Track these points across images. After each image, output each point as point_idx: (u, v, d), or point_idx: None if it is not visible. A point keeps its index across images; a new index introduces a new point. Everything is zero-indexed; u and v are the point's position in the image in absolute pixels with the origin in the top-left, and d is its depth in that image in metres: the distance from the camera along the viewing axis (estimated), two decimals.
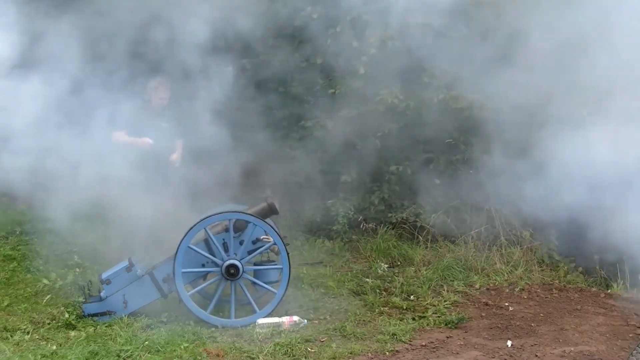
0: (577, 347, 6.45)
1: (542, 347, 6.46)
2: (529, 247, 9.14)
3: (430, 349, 6.41)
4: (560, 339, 6.68)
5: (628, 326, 7.00)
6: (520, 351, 6.37)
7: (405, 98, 10.20)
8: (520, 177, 10.10)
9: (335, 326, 6.88)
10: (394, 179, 10.64)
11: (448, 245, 9.30)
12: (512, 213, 9.74)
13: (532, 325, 7.01)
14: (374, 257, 9.01)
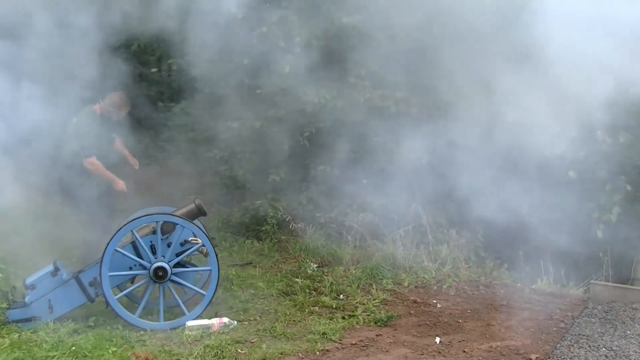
0: (503, 342, 6.60)
1: (470, 343, 6.59)
2: (455, 245, 9.33)
3: (360, 347, 6.50)
4: (487, 334, 6.82)
5: (552, 320, 7.17)
6: (449, 347, 6.49)
7: (331, 98, 10.35)
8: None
9: (265, 327, 6.92)
10: (322, 179, 10.78)
11: (376, 244, 9.43)
12: (438, 212, 9.96)
13: (459, 321, 7.15)
14: (303, 257, 9.09)
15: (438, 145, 10.17)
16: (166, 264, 7.10)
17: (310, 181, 10.90)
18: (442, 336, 6.75)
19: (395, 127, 10.48)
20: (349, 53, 10.44)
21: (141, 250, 7.16)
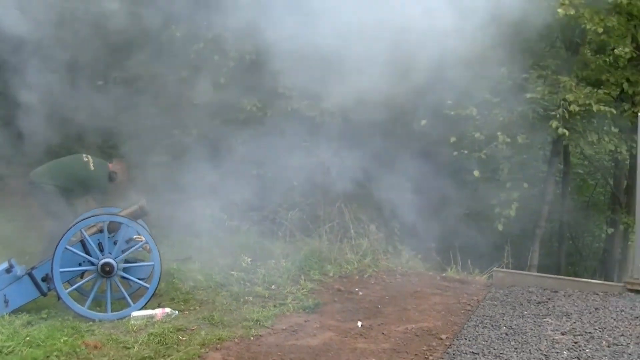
0: (417, 324, 6.70)
1: (388, 326, 6.69)
2: (375, 239, 9.45)
3: (290, 332, 6.55)
4: (403, 317, 6.93)
5: (460, 304, 7.31)
6: (369, 330, 6.58)
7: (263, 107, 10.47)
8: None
9: (204, 315, 6.94)
10: (255, 181, 10.87)
11: (304, 239, 9.51)
12: (360, 209, 10.11)
13: (378, 307, 7.24)
14: (238, 252, 9.12)
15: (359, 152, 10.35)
16: (113, 260, 7.12)
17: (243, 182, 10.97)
18: (364, 320, 6.83)
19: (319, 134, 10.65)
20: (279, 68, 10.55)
21: (89, 248, 7.15)
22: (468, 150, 11.66)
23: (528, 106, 11.59)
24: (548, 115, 11.44)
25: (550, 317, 6.69)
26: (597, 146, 13.10)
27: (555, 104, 11.35)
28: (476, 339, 6.26)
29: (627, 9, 11.88)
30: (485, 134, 11.52)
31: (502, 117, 11.55)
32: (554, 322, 6.55)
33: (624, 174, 15.07)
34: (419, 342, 6.31)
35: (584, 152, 15.83)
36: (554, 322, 6.55)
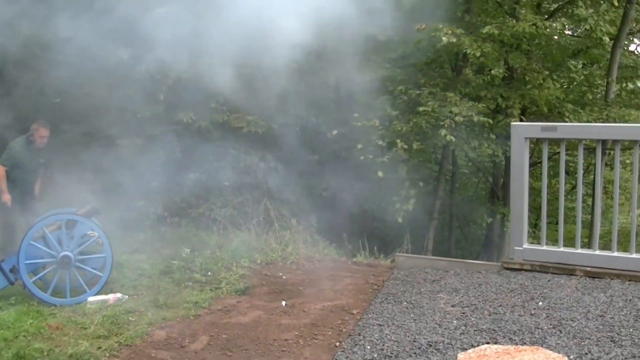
0: (332, 302, 6.77)
1: (308, 304, 6.74)
2: (296, 231, 9.50)
3: (224, 311, 6.56)
4: (321, 297, 6.98)
5: (368, 284, 7.38)
6: (292, 308, 6.62)
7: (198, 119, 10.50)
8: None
9: (150, 299, 6.89)
10: (192, 183, 10.86)
11: (235, 232, 9.51)
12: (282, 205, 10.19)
13: (300, 288, 7.28)
14: (178, 244, 9.07)
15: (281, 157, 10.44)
16: (70, 253, 7.06)
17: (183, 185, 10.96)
18: (287, 300, 6.87)
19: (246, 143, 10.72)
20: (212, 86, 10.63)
21: (50, 243, 7.08)
22: (373, 155, 11.79)
23: (422, 118, 11.78)
24: (438, 125, 11.64)
25: (443, 293, 6.81)
26: (478, 150, 13.38)
27: (444, 116, 11.56)
28: (382, 312, 6.34)
29: (499, 38, 12.19)
30: (387, 142, 11.67)
31: (401, 127, 11.72)
32: (446, 297, 6.68)
33: (500, 173, 15.44)
34: (334, 317, 6.38)
35: (468, 155, 16.13)
36: (445, 297, 6.68)
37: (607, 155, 11.33)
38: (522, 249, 7.42)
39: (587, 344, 5.34)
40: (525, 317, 5.99)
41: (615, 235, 7.18)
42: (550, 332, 5.61)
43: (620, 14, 14.34)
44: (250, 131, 10.99)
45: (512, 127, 7.47)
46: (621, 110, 13.91)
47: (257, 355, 5.52)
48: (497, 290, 6.78)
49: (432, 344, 5.49)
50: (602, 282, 6.91)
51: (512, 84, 13.59)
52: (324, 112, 12.87)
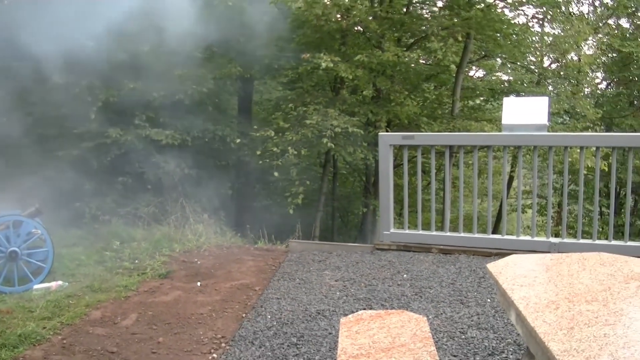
0: (239, 281, 6.77)
1: (219, 284, 6.72)
2: (207, 224, 9.45)
3: (149, 292, 6.47)
4: (229, 277, 6.97)
5: (267, 265, 7.40)
6: (206, 288, 6.58)
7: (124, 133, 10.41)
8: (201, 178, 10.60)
9: (87, 285, 6.72)
10: (121, 187, 10.73)
11: (158, 227, 9.39)
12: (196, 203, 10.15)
13: (212, 271, 7.24)
14: (110, 238, 8.87)
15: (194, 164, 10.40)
16: (17, 248, 6.83)
17: (113, 188, 10.79)
18: (202, 281, 6.83)
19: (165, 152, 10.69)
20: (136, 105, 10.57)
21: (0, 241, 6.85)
22: (269, 160, 11.87)
23: (308, 129, 11.90)
24: (321, 135, 11.79)
25: (328, 270, 6.91)
26: (354, 155, 13.59)
27: (326, 128, 11.72)
28: (279, 288, 6.40)
29: (368, 65, 12.46)
30: (280, 149, 11.76)
31: (291, 137, 11.82)
32: (330, 273, 6.78)
33: (371, 173, 15.76)
34: (240, 293, 6.40)
35: (345, 159, 16.39)
36: (330, 273, 6.78)
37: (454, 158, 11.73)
38: (390, 233, 7.61)
39: (442, 306, 5.56)
40: (394, 287, 6.16)
41: (461, 220, 7.45)
42: (413, 298, 5.80)
43: (462, 47, 14.91)
44: (168, 143, 10.91)
45: (380, 137, 7.65)
46: (464, 122, 14.44)
47: (178, 327, 5.50)
48: (370, 267, 6.93)
49: (320, 311, 5.60)
50: (452, 257, 7.16)
51: (379, 102, 13.91)
52: (229, 126, 12.90)
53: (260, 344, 4.97)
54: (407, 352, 3.24)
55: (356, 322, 3.76)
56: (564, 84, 18.96)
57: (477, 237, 7.41)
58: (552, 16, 16.63)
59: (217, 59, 12.26)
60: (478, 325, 5.07)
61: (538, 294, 2.59)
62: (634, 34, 19.60)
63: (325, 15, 12.02)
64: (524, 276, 2.83)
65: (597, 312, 2.35)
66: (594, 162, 7.16)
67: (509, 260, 3.08)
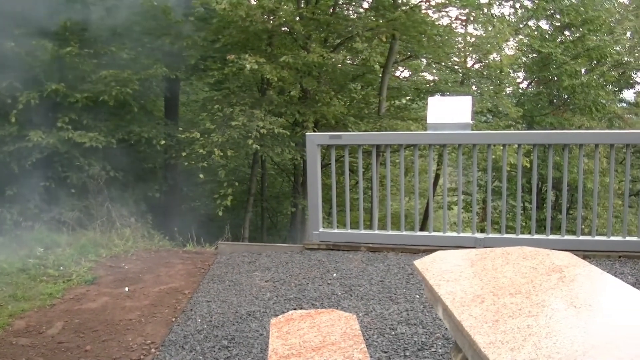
0: (168, 285, 6.69)
1: (147, 288, 6.62)
2: (135, 227, 9.29)
3: (76, 300, 6.32)
4: (158, 281, 6.88)
5: (197, 268, 7.34)
6: (134, 293, 6.47)
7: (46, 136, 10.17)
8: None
9: (9, 294, 6.49)
10: (44, 191, 10.44)
11: (83, 232, 9.17)
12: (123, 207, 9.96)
13: (140, 276, 7.13)
14: (33, 244, 8.61)
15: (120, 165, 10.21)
16: None
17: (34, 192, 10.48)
18: (130, 286, 6.71)
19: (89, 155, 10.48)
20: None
21: None
22: (196, 161, 11.77)
23: (234, 130, 11.86)
24: (248, 136, 11.76)
25: (257, 271, 6.90)
26: (281, 156, 13.62)
27: (252, 129, 11.70)
28: (209, 291, 6.35)
29: (294, 66, 12.52)
30: (207, 150, 11.69)
31: (218, 139, 11.74)
32: (260, 274, 6.77)
33: (300, 173, 15.82)
34: (170, 297, 6.32)
35: (273, 160, 16.39)
36: (260, 274, 6.77)
37: (381, 157, 11.89)
38: (319, 233, 7.65)
39: (371, 303, 5.63)
40: (324, 286, 6.20)
41: (389, 218, 7.55)
42: (343, 297, 5.85)
43: (388, 48, 15.13)
44: (92, 145, 10.67)
45: (307, 137, 7.68)
46: (391, 121, 14.66)
47: (106, 334, 5.38)
48: (300, 266, 6.96)
49: (251, 313, 5.59)
50: (381, 255, 7.25)
51: (306, 103, 13.97)
52: (155, 128, 12.72)
53: (190, 348, 4.92)
54: (338, 350, 3.27)
55: (286, 323, 3.77)
56: (487, 83, 19.53)
57: (404, 234, 7.52)
58: (475, 18, 17.10)
59: (143, 60, 12.04)
60: (407, 321, 5.15)
61: (464, 288, 2.65)
62: (553, 35, 20.37)
63: (250, 16, 11.99)
64: (450, 272, 2.90)
65: (520, 304, 2.43)
66: (517, 159, 7.39)
67: (435, 257, 3.15)
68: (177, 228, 9.89)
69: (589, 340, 2.11)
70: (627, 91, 23.07)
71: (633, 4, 21.77)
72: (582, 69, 19.36)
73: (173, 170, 14.13)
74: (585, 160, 12.85)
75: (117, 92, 11.09)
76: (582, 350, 2.01)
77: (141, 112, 12.84)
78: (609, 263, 6.53)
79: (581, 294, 2.61)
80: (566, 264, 2.94)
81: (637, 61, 21.52)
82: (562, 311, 2.38)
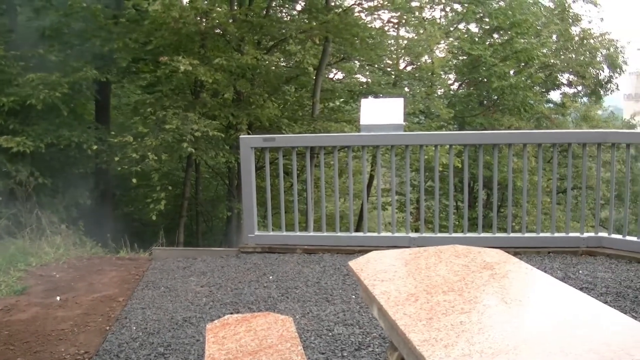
0: (101, 293, 6.54)
1: (80, 297, 6.46)
2: (66, 235, 9.06)
3: (5, 311, 6.11)
4: (91, 290, 6.72)
5: (131, 275, 7.21)
6: (66, 302, 6.27)
7: None
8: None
9: None
10: None
11: (12, 240, 8.88)
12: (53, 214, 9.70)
13: (72, 284, 6.95)
14: None
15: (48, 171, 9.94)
16: None
17: None
18: (61, 295, 6.53)
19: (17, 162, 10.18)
20: None
21: None
22: (128, 166, 11.58)
23: (168, 134, 11.72)
24: (182, 140, 11.65)
25: (193, 276, 6.83)
26: (216, 159, 13.53)
27: (186, 132, 11.59)
28: (144, 298, 6.25)
29: (228, 68, 12.51)
30: (140, 154, 11.50)
31: (151, 142, 11.58)
32: (196, 279, 6.70)
33: (234, 176, 15.72)
34: (103, 305, 6.18)
35: (208, 163, 16.25)
36: (195, 279, 6.70)
37: (315, 158, 11.94)
38: (254, 236, 7.63)
39: (308, 305, 5.65)
40: (260, 289, 6.19)
41: (324, 220, 7.58)
42: (280, 299, 5.85)
43: (321, 50, 15.21)
44: (20, 151, 10.35)
45: (241, 139, 7.64)
46: (324, 123, 14.74)
47: (38, 345, 5.23)
48: (236, 270, 6.92)
49: (187, 319, 5.53)
50: (317, 256, 7.27)
51: (240, 105, 13.91)
52: (86, 132, 12.45)
53: (126, 356, 4.83)
54: (275, 353, 3.27)
55: (222, 327, 3.74)
56: (419, 85, 19.92)
57: (340, 235, 7.57)
58: (407, 21, 17.39)
59: (72, 62, 11.76)
60: (344, 322, 5.19)
61: (398, 287, 2.69)
62: (482, 38, 20.92)
63: (182, 18, 11.86)
64: (385, 271, 2.93)
65: (453, 301, 2.47)
66: (449, 159, 7.54)
67: (369, 257, 3.18)
68: (110, 234, 9.69)
69: (520, 335, 2.18)
70: (553, 92, 24.02)
71: (558, 8, 22.55)
72: (510, 71, 19.95)
73: (105, 175, 13.85)
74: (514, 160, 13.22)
75: (46, 95, 10.80)
76: (514, 345, 2.06)
77: (71, 116, 12.54)
78: (538, 259, 6.72)
79: (512, 289, 2.68)
80: (497, 260, 3.01)
81: (562, 63, 22.31)
82: (493, 307, 2.44)
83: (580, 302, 2.52)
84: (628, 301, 5.40)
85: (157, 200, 11.67)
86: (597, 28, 36.24)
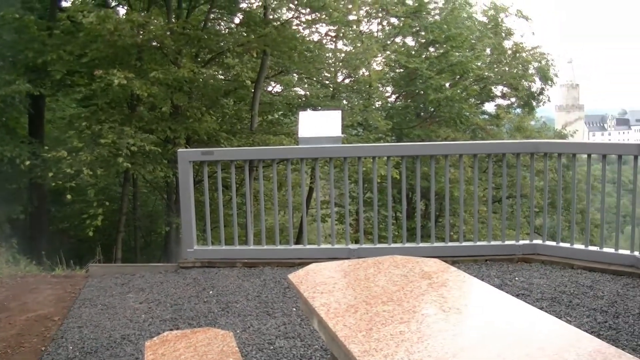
0: (36, 313, 6.33)
1: (13, 317, 6.23)
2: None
3: None
4: (25, 309, 6.49)
5: (67, 293, 7.00)
6: None
7: None
8: None
9: None
10: None
11: None
12: None
13: (5, 304, 6.70)
14: None
15: None
16: None
17: None
18: None
19: None
20: None
21: None
22: (63, 181, 11.32)
23: (104, 149, 11.51)
24: (118, 154, 11.46)
25: (131, 293, 6.68)
26: (154, 173, 13.35)
27: (123, 147, 11.41)
28: (80, 316, 6.08)
29: (164, 81, 12.38)
30: (75, 169, 11.26)
31: (86, 157, 11.36)
32: (134, 296, 6.56)
33: (173, 190, 15.51)
34: (38, 325, 5.98)
35: (145, 178, 16.02)
36: (134, 296, 6.56)
37: (254, 172, 11.91)
38: (194, 250, 7.52)
39: (249, 319, 5.60)
40: (200, 305, 6.10)
41: (264, 233, 7.56)
42: (220, 314, 5.78)
43: (259, 63, 15.22)
44: None
45: (179, 153, 7.54)
46: (263, 136, 14.74)
47: None
48: (175, 286, 6.81)
49: (126, 336, 5.40)
50: (257, 270, 7.22)
51: (178, 119, 13.77)
52: (19, 146, 12.11)
53: None
54: None
55: (162, 344, 3.67)
56: (357, 97, 20.11)
57: (280, 248, 7.55)
58: (344, 34, 17.56)
59: (4, 75, 11.44)
60: (285, 335, 5.16)
61: (338, 299, 2.69)
62: (418, 51, 21.31)
63: (118, 30, 11.69)
64: (324, 283, 2.93)
65: (392, 311, 2.49)
66: (387, 171, 7.60)
67: (309, 269, 3.18)
68: (45, 251, 9.41)
69: (458, 343, 2.21)
70: (488, 104, 24.67)
71: (492, 23, 23.18)
72: (446, 84, 20.38)
73: (39, 190, 13.48)
74: (451, 170, 13.46)
75: None
76: (452, 352, 2.09)
77: (3, 130, 12.21)
78: (476, 267, 6.84)
79: (450, 298, 2.72)
80: (435, 270, 3.05)
81: (496, 76, 22.91)
82: (432, 316, 2.47)
83: (516, 309, 2.58)
84: (563, 306, 5.54)
85: (93, 216, 11.44)
86: (529, 42, 37.44)
